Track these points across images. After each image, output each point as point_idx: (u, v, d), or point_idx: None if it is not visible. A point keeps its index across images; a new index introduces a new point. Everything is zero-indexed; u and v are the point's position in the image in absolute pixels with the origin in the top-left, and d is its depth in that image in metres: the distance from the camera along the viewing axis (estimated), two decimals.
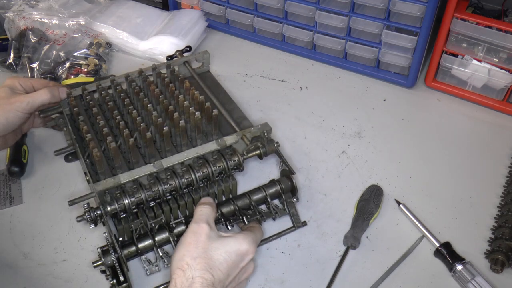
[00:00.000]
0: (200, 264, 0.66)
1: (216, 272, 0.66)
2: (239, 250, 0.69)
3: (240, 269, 0.70)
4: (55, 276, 0.80)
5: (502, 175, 0.94)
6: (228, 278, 0.68)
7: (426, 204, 0.90)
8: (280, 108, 1.10)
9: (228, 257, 0.68)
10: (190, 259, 0.66)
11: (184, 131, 0.86)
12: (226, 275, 0.67)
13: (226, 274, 0.67)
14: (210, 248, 0.68)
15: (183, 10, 1.32)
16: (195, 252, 0.67)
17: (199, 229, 0.69)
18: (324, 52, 1.21)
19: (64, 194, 0.91)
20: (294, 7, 1.15)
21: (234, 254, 0.68)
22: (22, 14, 1.22)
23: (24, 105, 0.85)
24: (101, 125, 0.87)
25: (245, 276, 0.73)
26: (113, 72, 1.19)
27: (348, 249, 0.82)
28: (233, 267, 0.68)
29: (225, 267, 0.67)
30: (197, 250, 0.67)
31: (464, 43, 1.05)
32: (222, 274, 0.67)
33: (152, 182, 0.80)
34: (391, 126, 1.06)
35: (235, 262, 0.69)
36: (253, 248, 0.71)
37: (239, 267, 0.69)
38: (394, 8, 1.03)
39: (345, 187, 0.93)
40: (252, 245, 0.71)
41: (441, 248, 0.81)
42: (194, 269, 0.65)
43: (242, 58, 1.24)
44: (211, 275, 0.65)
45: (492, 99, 1.08)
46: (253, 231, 0.74)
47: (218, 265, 0.67)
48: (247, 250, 0.70)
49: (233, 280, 0.70)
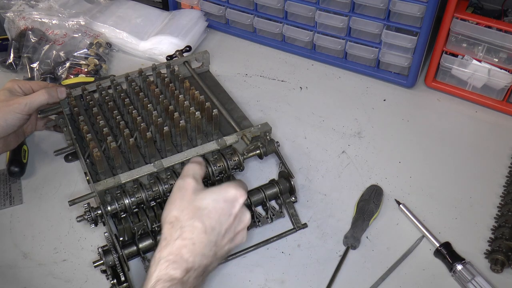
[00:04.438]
0: (188, 215, 0.65)
1: (206, 219, 0.65)
2: (227, 196, 0.67)
3: (233, 217, 0.68)
4: (55, 276, 0.80)
5: (502, 175, 0.94)
6: (222, 226, 0.66)
7: (426, 204, 0.90)
8: (280, 108, 1.10)
9: (216, 204, 0.66)
10: (177, 212, 0.66)
11: (184, 131, 0.86)
12: (218, 223, 0.66)
13: (218, 221, 0.66)
14: (196, 199, 0.66)
15: (183, 10, 1.32)
16: (182, 205, 0.66)
17: (184, 184, 0.68)
18: (324, 52, 1.21)
19: (64, 194, 0.91)
20: (294, 7, 1.15)
21: (222, 201, 0.67)
22: (22, 14, 1.22)
23: (23, 106, 0.86)
24: (101, 125, 0.87)
25: (241, 226, 0.70)
26: (113, 72, 1.19)
27: (348, 249, 0.82)
28: (223, 214, 0.67)
29: (214, 214, 0.66)
30: (183, 203, 0.66)
31: (464, 43, 1.05)
32: (213, 221, 0.65)
33: (153, 182, 0.80)
34: (391, 126, 1.06)
35: (224, 209, 0.67)
36: (241, 192, 0.68)
37: (231, 214, 0.67)
38: (394, 8, 1.03)
39: (345, 187, 0.93)
40: (240, 189, 0.68)
41: (441, 248, 0.81)
42: (182, 220, 0.64)
43: (242, 58, 1.24)
44: (201, 223, 0.64)
45: (492, 99, 1.08)
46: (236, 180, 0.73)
47: (207, 213, 0.65)
48: (235, 194, 0.68)
49: (229, 229, 0.68)
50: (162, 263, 0.62)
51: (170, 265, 0.62)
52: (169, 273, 0.61)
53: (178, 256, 0.62)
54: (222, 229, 0.66)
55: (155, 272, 0.61)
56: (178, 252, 0.63)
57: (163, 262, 0.62)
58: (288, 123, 1.06)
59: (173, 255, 0.62)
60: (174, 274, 0.61)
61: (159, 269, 0.61)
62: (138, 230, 0.78)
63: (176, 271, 0.61)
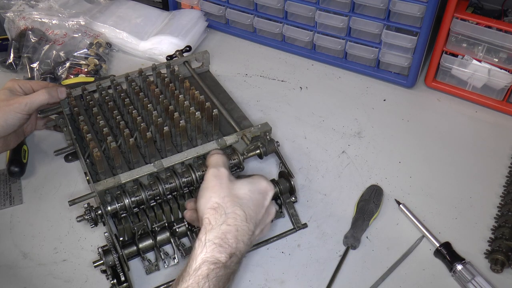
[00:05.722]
0: (230, 202, 0.67)
1: (246, 208, 0.67)
2: (260, 188, 0.71)
3: (265, 208, 0.71)
4: (55, 276, 0.80)
5: (502, 175, 0.94)
6: (257, 216, 0.69)
7: (426, 204, 0.90)
8: (280, 108, 1.10)
9: (253, 194, 0.69)
10: (218, 198, 0.67)
11: (184, 131, 0.86)
12: (255, 213, 0.69)
13: (255, 211, 0.69)
14: (234, 188, 0.69)
15: (183, 10, 1.32)
16: (222, 192, 0.68)
17: (219, 173, 0.70)
18: (324, 52, 1.21)
19: (64, 194, 0.91)
20: (294, 7, 1.15)
21: (257, 192, 0.70)
22: (22, 14, 1.22)
23: (23, 106, 0.86)
24: (101, 125, 0.87)
25: (269, 218, 0.73)
26: (113, 72, 1.19)
27: (348, 249, 0.82)
28: (258, 206, 0.70)
29: (252, 205, 0.68)
30: (223, 191, 0.68)
31: (464, 43, 1.05)
32: (251, 211, 0.68)
33: (153, 182, 0.80)
34: (391, 126, 1.06)
35: (259, 200, 0.70)
36: (270, 185, 0.72)
37: (264, 205, 0.71)
38: (394, 8, 1.03)
39: (345, 187, 0.93)
40: (269, 183, 0.72)
41: (441, 248, 0.81)
42: (225, 207, 0.66)
43: (242, 58, 1.24)
44: (243, 211, 0.67)
45: (492, 99, 1.08)
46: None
47: (246, 203, 0.68)
48: (266, 187, 0.71)
49: (262, 221, 0.71)
50: (209, 245, 0.64)
51: (216, 248, 0.63)
52: (215, 255, 0.63)
53: (224, 241, 0.64)
54: (258, 219, 0.69)
55: (201, 254, 0.63)
56: (224, 236, 0.64)
57: (210, 244, 0.64)
58: (288, 123, 1.06)
59: (219, 239, 0.64)
60: (219, 258, 0.63)
61: (206, 251, 0.63)
62: (138, 230, 0.78)
63: (221, 255, 0.63)
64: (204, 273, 0.62)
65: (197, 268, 0.62)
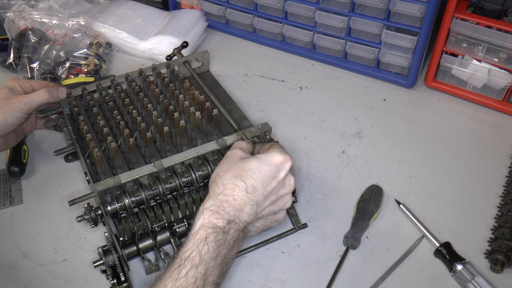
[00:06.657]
0: (231, 174, 0.70)
1: (248, 179, 0.69)
2: (271, 161, 0.71)
3: (278, 181, 0.71)
4: (55, 276, 0.80)
5: (502, 175, 0.94)
6: (265, 188, 0.70)
7: (426, 204, 0.90)
8: (280, 108, 1.10)
9: (259, 166, 0.70)
10: (222, 172, 0.71)
11: (184, 131, 0.86)
12: (261, 184, 0.69)
13: (260, 182, 0.69)
14: (241, 162, 0.71)
15: (183, 10, 1.32)
16: (227, 167, 0.71)
17: (231, 153, 0.74)
18: (324, 52, 1.21)
19: (64, 194, 0.91)
20: (294, 7, 1.15)
21: (266, 164, 0.71)
22: (22, 14, 1.22)
23: (23, 105, 0.86)
24: (101, 125, 0.87)
25: (285, 190, 0.74)
26: (113, 72, 1.19)
27: (348, 249, 0.82)
28: (267, 177, 0.70)
29: (257, 176, 0.69)
30: (228, 166, 0.72)
31: (464, 43, 1.05)
32: (255, 181, 0.69)
33: (152, 182, 0.80)
34: (391, 126, 1.06)
35: (268, 171, 0.70)
36: (287, 157, 0.72)
37: (276, 178, 0.71)
38: (394, 8, 1.03)
39: (345, 187, 0.93)
40: (286, 155, 0.73)
41: (441, 248, 0.81)
42: (225, 178, 0.70)
43: (242, 58, 1.24)
44: (243, 182, 0.69)
45: (492, 99, 1.08)
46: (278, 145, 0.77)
47: (249, 174, 0.69)
48: (281, 160, 0.72)
49: (272, 193, 0.71)
50: (206, 213, 0.67)
51: (213, 215, 0.67)
52: (212, 221, 0.66)
53: (220, 208, 0.67)
54: (265, 191, 0.70)
55: (199, 221, 0.67)
56: (220, 204, 0.68)
57: (206, 211, 0.67)
58: (288, 123, 1.06)
59: (215, 207, 0.68)
60: (217, 223, 0.66)
61: (203, 217, 0.67)
62: (138, 230, 0.78)
63: (218, 220, 0.67)
64: (202, 236, 0.65)
65: (196, 233, 0.66)
